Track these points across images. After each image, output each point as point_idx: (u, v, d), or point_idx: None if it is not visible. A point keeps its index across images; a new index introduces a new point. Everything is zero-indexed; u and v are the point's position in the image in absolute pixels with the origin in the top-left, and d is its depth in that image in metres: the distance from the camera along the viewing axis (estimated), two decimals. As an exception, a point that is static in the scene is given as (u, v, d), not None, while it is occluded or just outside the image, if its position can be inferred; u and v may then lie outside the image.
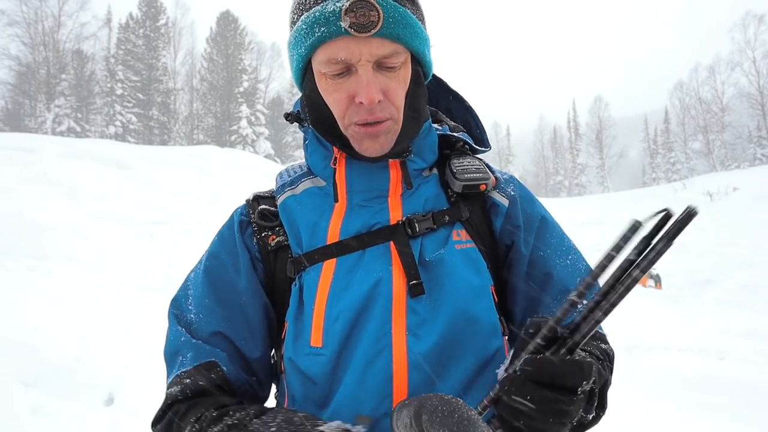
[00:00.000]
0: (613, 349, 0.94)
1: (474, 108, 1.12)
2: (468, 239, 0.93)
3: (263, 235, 0.97)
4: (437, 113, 1.10)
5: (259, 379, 0.94)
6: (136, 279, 6.49)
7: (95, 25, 40.93)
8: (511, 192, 1.00)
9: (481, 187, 0.95)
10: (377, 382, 0.83)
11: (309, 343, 0.87)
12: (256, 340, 0.92)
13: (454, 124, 1.09)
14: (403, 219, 0.92)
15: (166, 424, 0.86)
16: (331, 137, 0.93)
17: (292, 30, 0.89)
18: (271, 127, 43.07)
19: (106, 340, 4.43)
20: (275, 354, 0.97)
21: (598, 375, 0.77)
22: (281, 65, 49.10)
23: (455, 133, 1.04)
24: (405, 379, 0.83)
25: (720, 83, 46.51)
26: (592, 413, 0.77)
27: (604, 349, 0.91)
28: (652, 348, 5.53)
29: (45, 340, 4.11)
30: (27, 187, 9.16)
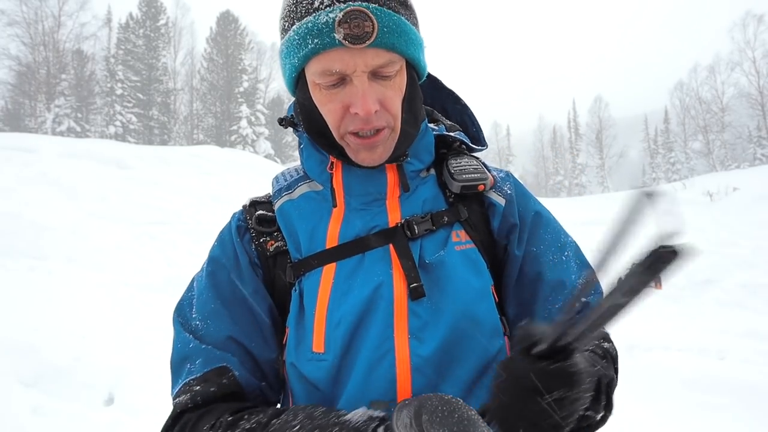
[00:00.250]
0: (616, 348, 0.93)
1: (470, 106, 1.11)
2: (467, 239, 0.93)
3: (261, 240, 0.96)
4: (433, 113, 1.10)
5: (270, 383, 0.92)
6: (136, 279, 6.49)
7: (95, 25, 40.86)
8: (508, 191, 0.99)
9: (480, 187, 0.94)
10: (380, 387, 0.82)
11: (311, 348, 0.86)
12: (267, 341, 0.91)
13: (450, 123, 1.08)
14: (402, 221, 0.91)
15: None
16: (326, 146, 0.92)
17: (284, 39, 0.86)
18: (271, 127, 42.98)
19: (106, 340, 4.43)
20: (278, 359, 0.96)
21: (602, 374, 0.77)
22: (281, 65, 48.95)
23: (451, 133, 1.03)
24: (408, 382, 0.82)
25: (720, 83, 46.39)
26: (601, 412, 0.77)
27: (606, 348, 0.90)
28: (652, 348, 5.51)
29: (45, 340, 4.11)
30: (27, 187, 9.16)
